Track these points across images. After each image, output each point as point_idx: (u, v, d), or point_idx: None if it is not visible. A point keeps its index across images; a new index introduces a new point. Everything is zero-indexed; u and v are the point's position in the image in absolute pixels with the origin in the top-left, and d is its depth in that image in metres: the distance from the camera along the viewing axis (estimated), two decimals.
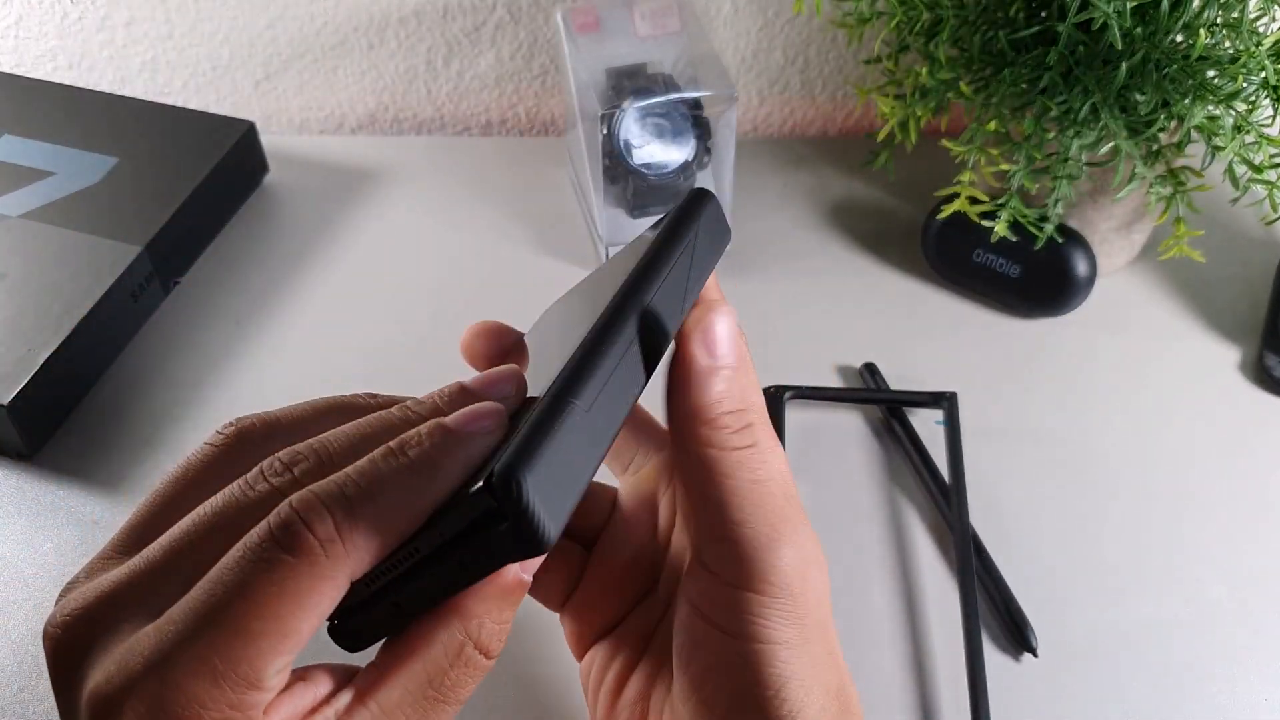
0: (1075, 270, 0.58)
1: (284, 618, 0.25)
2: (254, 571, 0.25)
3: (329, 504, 0.26)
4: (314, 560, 0.25)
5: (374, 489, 0.26)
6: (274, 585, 0.25)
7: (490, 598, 0.28)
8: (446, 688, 0.28)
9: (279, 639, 0.25)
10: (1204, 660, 0.46)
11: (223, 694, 0.24)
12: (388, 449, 0.27)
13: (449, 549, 0.26)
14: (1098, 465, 0.53)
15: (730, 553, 0.30)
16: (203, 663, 0.24)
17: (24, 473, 0.52)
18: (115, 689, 0.25)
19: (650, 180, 0.59)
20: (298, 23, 0.71)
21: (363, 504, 0.26)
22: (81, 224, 0.58)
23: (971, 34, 0.55)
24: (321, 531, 0.25)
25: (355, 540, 0.25)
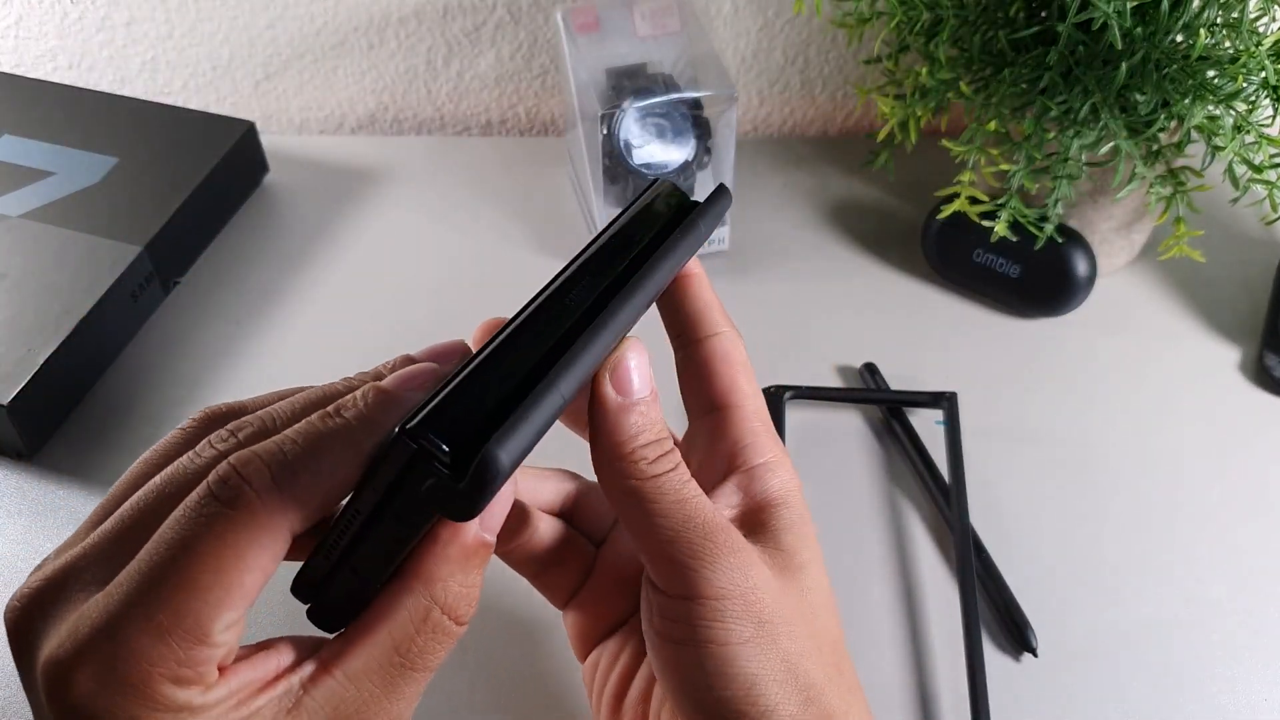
0: (1075, 270, 0.58)
1: (226, 570, 0.25)
2: (194, 527, 0.25)
3: (265, 459, 0.26)
4: (251, 511, 0.25)
5: (309, 445, 0.27)
6: (214, 538, 0.25)
7: (452, 559, 0.28)
8: (414, 654, 0.28)
9: (223, 592, 0.25)
10: (1204, 660, 0.46)
11: (170, 650, 0.25)
12: (324, 411, 0.28)
13: (384, 504, 0.27)
14: (1098, 465, 0.53)
15: (670, 570, 0.30)
16: (148, 620, 0.25)
17: (24, 473, 0.52)
18: (67, 653, 0.25)
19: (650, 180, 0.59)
20: (298, 23, 0.71)
21: (298, 458, 0.26)
22: (81, 224, 0.58)
23: (971, 34, 0.55)
24: (258, 483, 0.26)
25: (293, 492, 0.26)
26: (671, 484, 0.31)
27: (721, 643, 0.30)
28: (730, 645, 0.30)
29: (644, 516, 0.30)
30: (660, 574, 0.30)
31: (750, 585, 0.30)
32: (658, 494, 0.30)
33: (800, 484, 0.34)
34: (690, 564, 0.30)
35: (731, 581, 0.30)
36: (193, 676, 0.25)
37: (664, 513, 0.30)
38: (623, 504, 0.31)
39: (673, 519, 0.30)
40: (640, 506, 0.30)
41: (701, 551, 0.30)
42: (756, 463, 0.33)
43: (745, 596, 0.30)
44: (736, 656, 0.30)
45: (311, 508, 0.26)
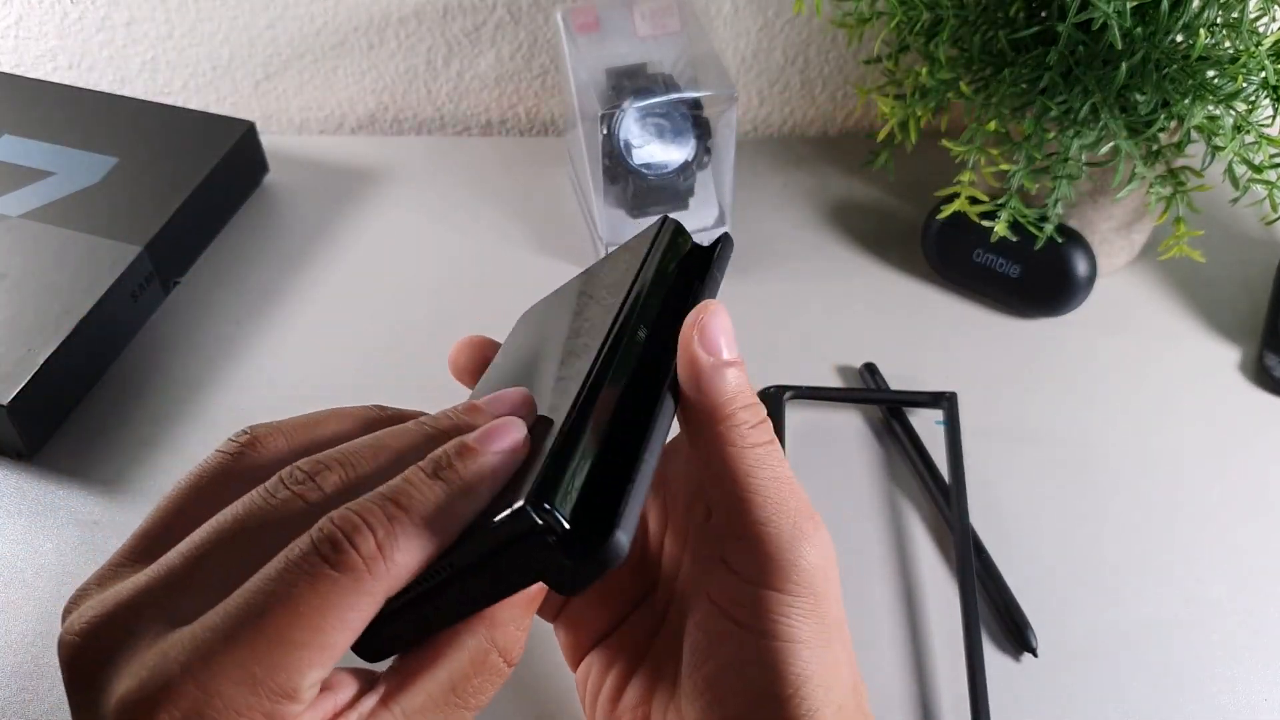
0: (1075, 270, 0.58)
1: (325, 630, 0.25)
2: (298, 583, 0.25)
3: (371, 521, 0.26)
4: (358, 576, 0.25)
5: (413, 508, 0.27)
6: (318, 598, 0.25)
7: (518, 604, 0.28)
8: (468, 694, 0.28)
9: (318, 651, 0.25)
10: (1204, 660, 0.46)
11: (259, 702, 0.24)
12: (420, 469, 0.28)
13: (483, 565, 0.27)
14: (1098, 465, 0.53)
15: (753, 551, 0.30)
16: (242, 669, 0.24)
17: (24, 473, 0.52)
18: (149, 694, 0.24)
19: (650, 180, 0.59)
20: (298, 23, 0.71)
21: (403, 522, 0.26)
22: (81, 224, 0.58)
23: (971, 34, 0.55)
24: (365, 548, 0.26)
25: (395, 558, 0.26)
26: (771, 458, 0.30)
27: (786, 639, 0.30)
28: (793, 643, 0.30)
29: (739, 490, 0.30)
30: (738, 554, 0.30)
31: (825, 588, 0.30)
32: (757, 467, 0.30)
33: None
34: (775, 554, 0.30)
35: (810, 580, 0.30)
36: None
37: (760, 489, 0.30)
38: (720, 473, 0.30)
39: (768, 499, 0.30)
40: (738, 479, 0.30)
41: (790, 543, 0.30)
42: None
43: (817, 596, 0.30)
44: (795, 656, 0.30)
45: (410, 571, 0.26)
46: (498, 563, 0.27)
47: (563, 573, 0.26)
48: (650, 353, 0.31)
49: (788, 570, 0.30)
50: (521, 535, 0.26)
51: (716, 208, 0.62)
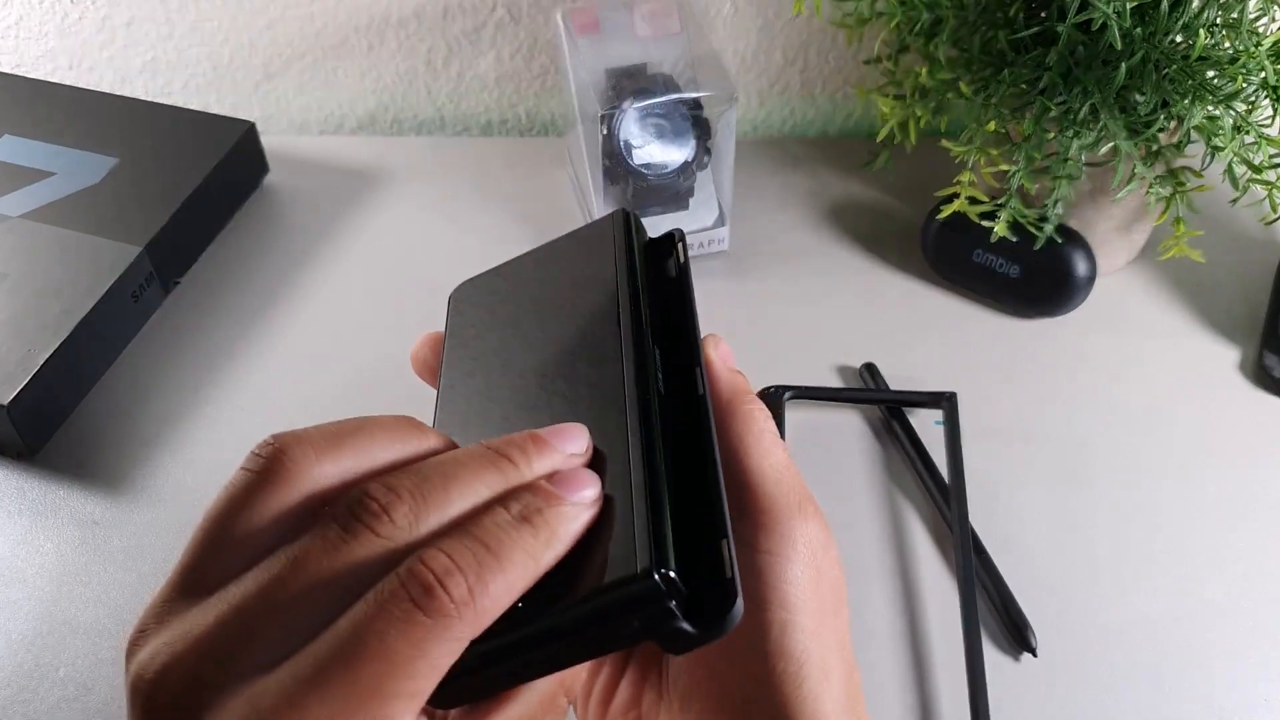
0: (1075, 270, 0.58)
1: (418, 678, 0.25)
2: (390, 629, 0.25)
3: (462, 564, 0.26)
4: (448, 624, 0.25)
5: (501, 553, 0.26)
6: (409, 645, 0.25)
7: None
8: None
9: (409, 699, 0.25)
10: (1204, 660, 0.46)
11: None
12: (505, 511, 0.27)
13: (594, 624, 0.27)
14: (1097, 465, 0.53)
15: (761, 521, 0.31)
16: (339, 716, 0.24)
17: (24, 473, 0.52)
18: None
19: (650, 180, 0.59)
20: (298, 23, 0.71)
21: (491, 568, 0.26)
22: (82, 224, 0.58)
23: (971, 34, 0.55)
24: (456, 594, 0.25)
25: (484, 604, 0.26)
26: (779, 449, 0.32)
27: (789, 609, 0.30)
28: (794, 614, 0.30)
29: (749, 474, 0.31)
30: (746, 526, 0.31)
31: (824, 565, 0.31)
32: (769, 451, 0.32)
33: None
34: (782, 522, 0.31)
35: (812, 552, 0.31)
36: None
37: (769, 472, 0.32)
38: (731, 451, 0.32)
39: (779, 480, 0.31)
40: (749, 462, 0.32)
41: (797, 512, 0.31)
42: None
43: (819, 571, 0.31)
44: (797, 629, 0.30)
45: (492, 617, 0.26)
46: (607, 624, 0.27)
47: (679, 637, 0.26)
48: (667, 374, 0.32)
49: (792, 538, 0.31)
50: (642, 599, 0.26)
51: (716, 208, 0.62)
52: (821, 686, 0.30)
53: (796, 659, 0.30)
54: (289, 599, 0.26)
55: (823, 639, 0.30)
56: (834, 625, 0.31)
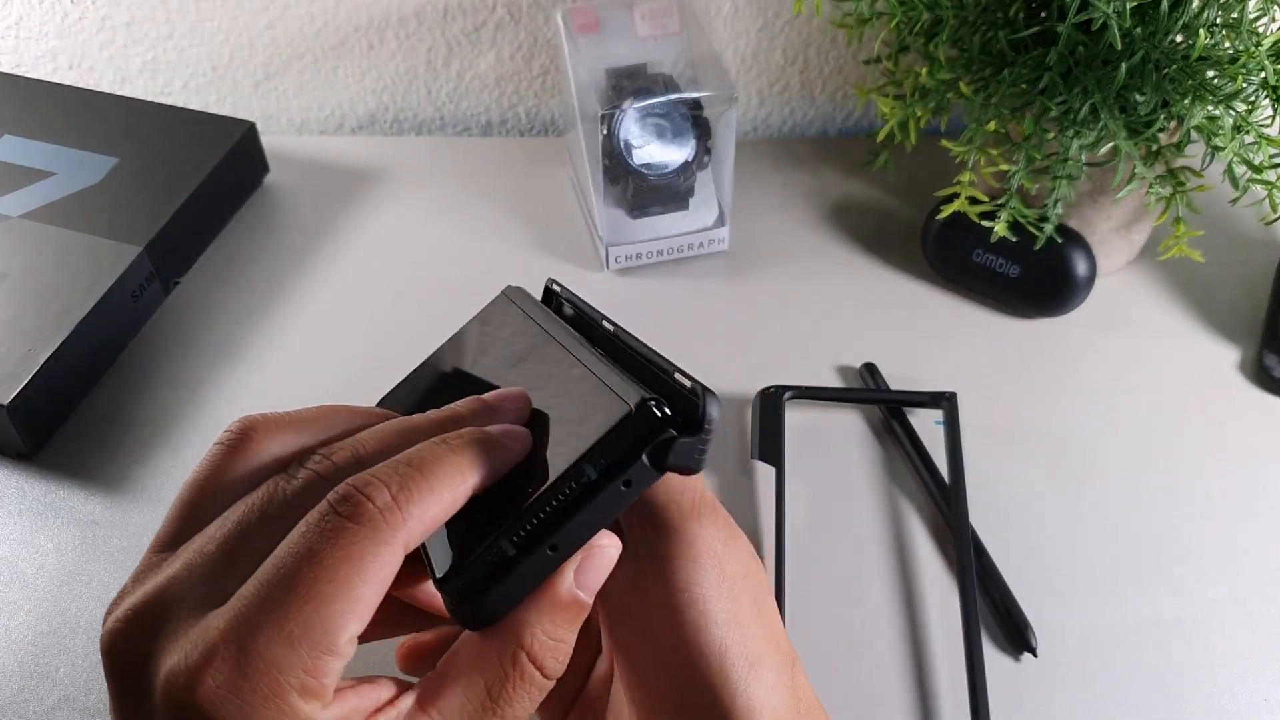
0: (1075, 270, 0.58)
1: (352, 582, 0.26)
2: (320, 540, 0.26)
3: (384, 479, 0.28)
4: (375, 527, 0.27)
5: (425, 468, 0.28)
6: (338, 550, 0.26)
7: (543, 608, 0.29)
8: (503, 701, 0.29)
9: (348, 604, 0.26)
10: (1204, 660, 0.46)
11: (299, 658, 0.25)
12: (433, 440, 0.29)
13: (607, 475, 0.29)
14: (1097, 465, 0.53)
15: (657, 532, 0.31)
16: (278, 628, 0.25)
17: (25, 473, 0.52)
18: (193, 665, 0.25)
19: (650, 180, 0.59)
20: (298, 23, 0.71)
21: (415, 479, 0.28)
22: (82, 224, 0.58)
23: (971, 34, 0.55)
24: (379, 500, 0.27)
25: (410, 510, 0.27)
26: None
27: (700, 608, 0.31)
28: (707, 612, 0.31)
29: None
30: (647, 534, 0.32)
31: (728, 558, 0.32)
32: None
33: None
34: (680, 524, 0.31)
35: (712, 549, 0.31)
36: (317, 689, 0.26)
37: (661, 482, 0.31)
38: None
39: (668, 487, 0.32)
40: None
41: (692, 515, 0.31)
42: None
43: (723, 567, 0.31)
44: (711, 624, 0.30)
45: (425, 525, 0.28)
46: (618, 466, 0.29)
47: (686, 452, 0.29)
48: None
49: (690, 540, 0.31)
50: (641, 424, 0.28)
51: (716, 208, 0.62)
52: (750, 676, 0.30)
53: (716, 654, 0.30)
54: (238, 540, 0.28)
55: (742, 630, 0.31)
56: (755, 617, 0.32)
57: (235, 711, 0.25)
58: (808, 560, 0.49)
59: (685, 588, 0.31)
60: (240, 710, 0.25)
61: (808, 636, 0.46)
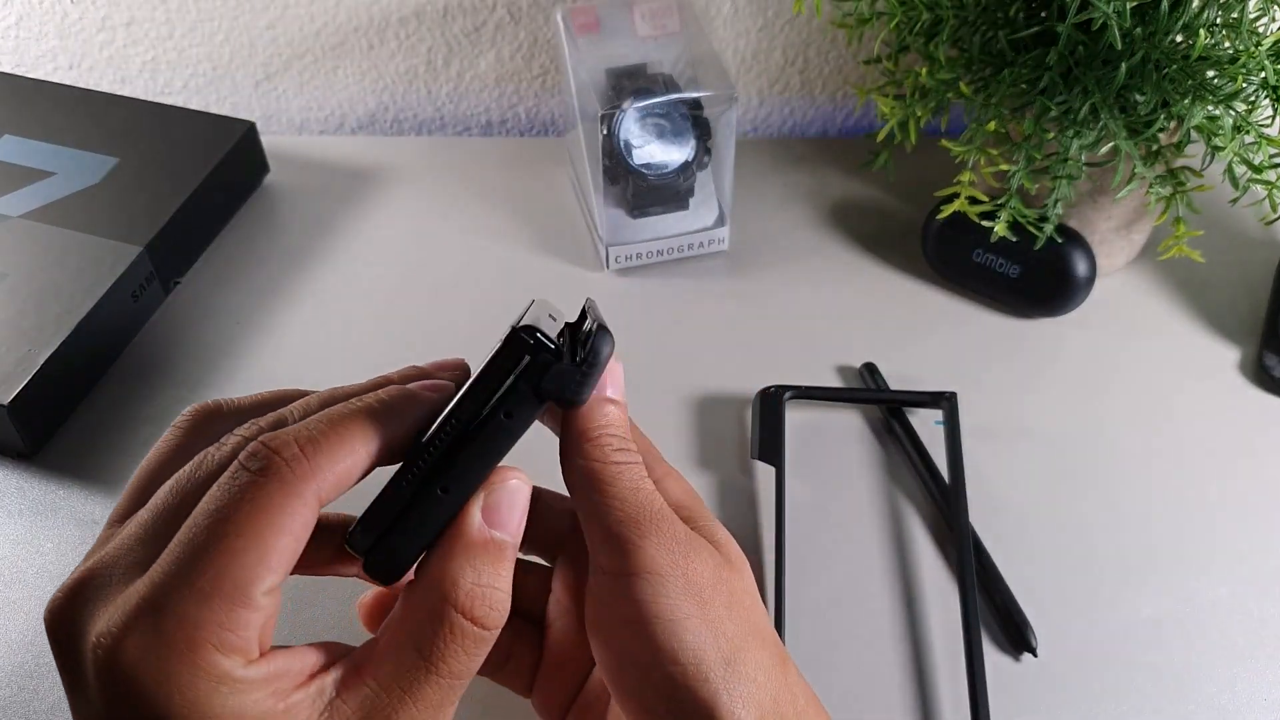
0: (1075, 270, 0.58)
1: (261, 534, 0.26)
2: (228, 497, 0.27)
3: (293, 435, 0.28)
4: (281, 478, 0.27)
5: (333, 422, 0.29)
6: (247, 504, 0.26)
7: (457, 553, 0.29)
8: (436, 658, 0.28)
9: (259, 555, 0.26)
10: (1204, 660, 0.46)
11: (213, 613, 0.26)
12: (347, 401, 0.30)
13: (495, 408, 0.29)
14: (1098, 465, 0.53)
15: (618, 548, 0.31)
16: (189, 586, 0.26)
17: (25, 472, 0.52)
18: (115, 627, 0.26)
19: (650, 180, 0.59)
20: (298, 23, 0.71)
21: (323, 433, 0.28)
22: (82, 224, 0.58)
23: (971, 34, 0.55)
24: (286, 453, 0.27)
25: (317, 460, 0.27)
26: (629, 474, 0.32)
27: (667, 618, 0.30)
28: (676, 620, 0.30)
29: (600, 498, 0.32)
30: (606, 554, 0.32)
31: (690, 566, 0.31)
32: (615, 479, 0.32)
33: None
34: (636, 541, 0.31)
35: (673, 560, 0.31)
36: (236, 642, 0.26)
37: (618, 496, 0.32)
38: (581, 486, 0.32)
39: (625, 503, 0.32)
40: (597, 489, 0.32)
41: (647, 530, 0.31)
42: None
43: (686, 575, 0.31)
44: (683, 631, 0.30)
45: (337, 476, 0.28)
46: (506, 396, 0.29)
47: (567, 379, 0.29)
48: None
49: (648, 555, 0.31)
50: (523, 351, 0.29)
51: (716, 208, 0.62)
52: (729, 675, 0.30)
53: (692, 660, 0.30)
54: (170, 509, 0.28)
55: (715, 631, 0.31)
56: (730, 618, 0.31)
57: (155, 670, 0.25)
58: (808, 560, 0.49)
59: (650, 601, 0.31)
60: (159, 668, 0.25)
61: (808, 636, 0.46)
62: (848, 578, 0.49)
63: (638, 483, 0.32)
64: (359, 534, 0.30)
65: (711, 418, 0.55)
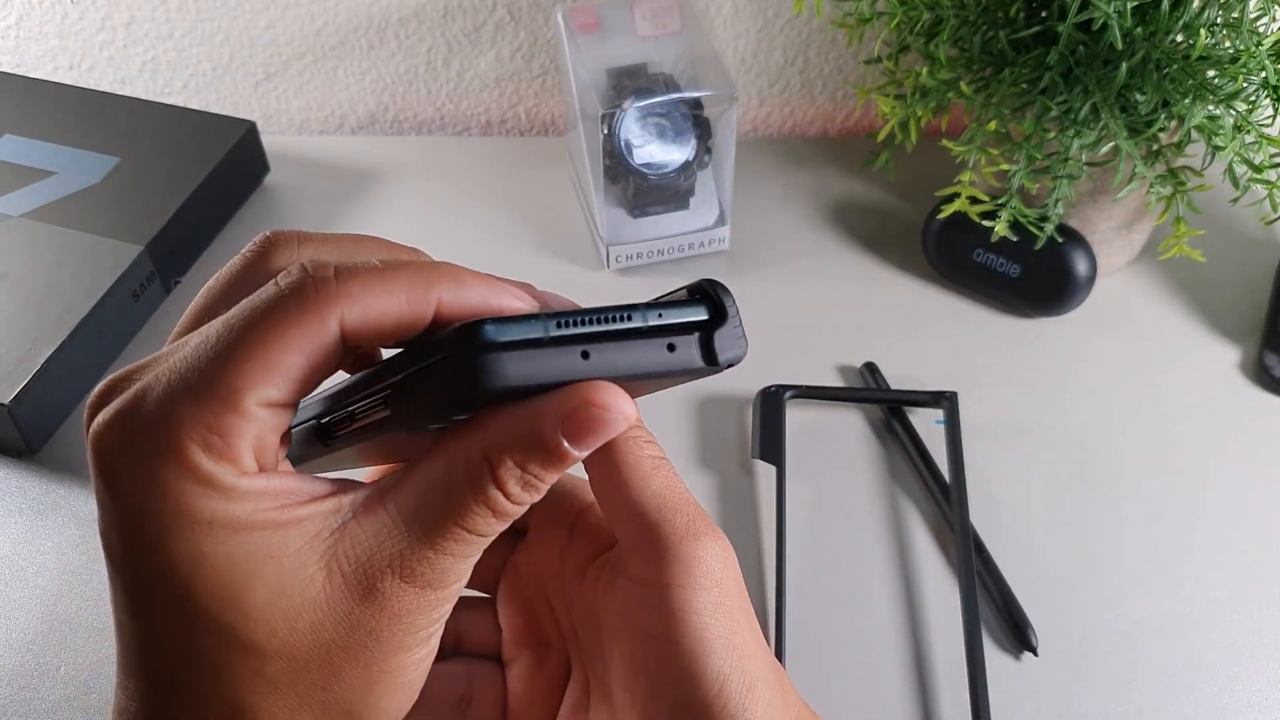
0: (1075, 270, 0.58)
1: (268, 345, 0.25)
2: (246, 307, 0.25)
3: (335, 262, 0.26)
4: (303, 295, 0.25)
5: (388, 264, 0.26)
6: (260, 314, 0.25)
7: (520, 431, 0.27)
8: (461, 512, 0.27)
9: (261, 365, 0.25)
10: (1204, 660, 0.46)
11: (200, 412, 0.24)
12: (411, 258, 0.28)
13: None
14: (1098, 465, 0.53)
15: (653, 553, 0.30)
16: (182, 381, 0.25)
17: (25, 472, 0.52)
18: (108, 417, 0.25)
19: (651, 180, 0.59)
20: (298, 23, 0.71)
21: (370, 268, 0.26)
22: (82, 223, 0.58)
23: (972, 34, 0.55)
24: (319, 274, 0.25)
25: (350, 286, 0.25)
26: (663, 470, 0.31)
27: (695, 636, 0.29)
28: (705, 641, 0.29)
29: (635, 499, 0.30)
30: (639, 561, 0.30)
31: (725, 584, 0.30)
32: (651, 474, 0.30)
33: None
34: (673, 548, 0.30)
35: (711, 573, 0.30)
36: (223, 447, 0.25)
37: (654, 495, 0.30)
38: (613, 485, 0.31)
39: (663, 503, 0.30)
40: (632, 488, 0.30)
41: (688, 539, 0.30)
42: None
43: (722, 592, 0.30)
44: (711, 655, 0.29)
45: (366, 308, 0.26)
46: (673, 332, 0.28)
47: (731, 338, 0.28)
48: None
49: (686, 565, 0.29)
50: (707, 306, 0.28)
51: (717, 208, 0.62)
52: (746, 699, 0.29)
53: (715, 681, 0.29)
54: (194, 318, 0.27)
55: (737, 653, 0.30)
56: (746, 635, 0.30)
57: (136, 465, 0.25)
58: (808, 560, 0.49)
59: (682, 616, 0.29)
60: (140, 463, 0.25)
61: (808, 636, 0.46)
62: (848, 577, 0.49)
63: (672, 481, 0.31)
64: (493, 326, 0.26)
65: (712, 417, 0.55)
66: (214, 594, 0.25)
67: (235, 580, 0.25)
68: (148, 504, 0.25)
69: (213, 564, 0.25)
